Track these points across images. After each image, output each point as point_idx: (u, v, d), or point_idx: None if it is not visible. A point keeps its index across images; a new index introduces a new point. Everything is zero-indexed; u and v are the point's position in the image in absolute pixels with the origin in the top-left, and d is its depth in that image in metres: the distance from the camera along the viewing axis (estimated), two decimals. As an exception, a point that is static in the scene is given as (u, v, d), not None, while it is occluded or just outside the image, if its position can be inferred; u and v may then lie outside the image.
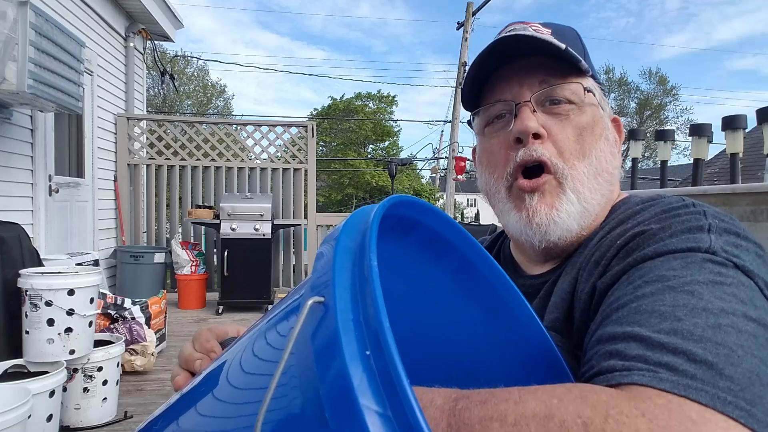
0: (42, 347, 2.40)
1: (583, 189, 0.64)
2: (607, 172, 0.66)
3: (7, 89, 2.87)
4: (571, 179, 0.64)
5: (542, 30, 0.68)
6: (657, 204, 0.59)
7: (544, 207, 0.64)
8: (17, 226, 2.92)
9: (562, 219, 0.64)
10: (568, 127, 0.65)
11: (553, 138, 0.65)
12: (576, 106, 0.65)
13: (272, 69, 61.38)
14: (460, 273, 0.55)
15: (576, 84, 0.66)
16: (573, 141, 0.65)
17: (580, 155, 0.65)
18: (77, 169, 4.85)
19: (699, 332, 0.40)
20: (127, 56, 5.88)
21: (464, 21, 13.21)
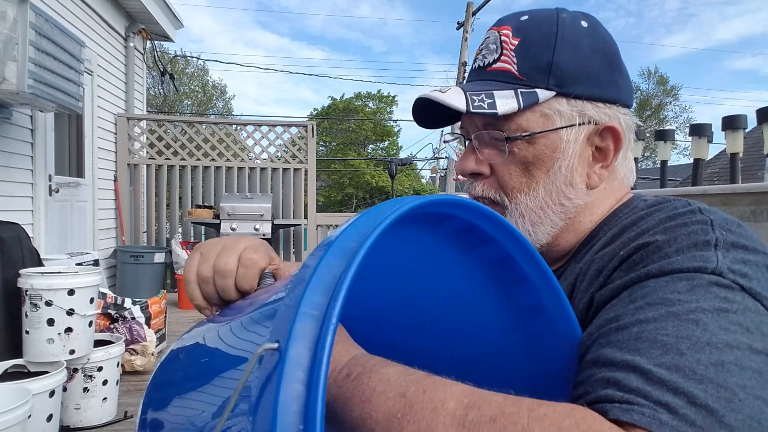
0: (42, 347, 2.40)
1: (524, 221, 0.65)
2: (559, 204, 0.65)
3: (7, 89, 2.87)
4: (511, 211, 0.65)
5: (507, 44, 0.65)
6: (662, 209, 0.57)
7: None
8: (17, 226, 2.92)
9: None
10: (512, 163, 0.65)
11: (496, 174, 0.66)
12: (523, 141, 0.64)
13: (272, 69, 61.26)
14: (498, 267, 0.53)
15: (521, 121, 0.63)
16: (517, 176, 0.65)
17: (525, 188, 0.65)
18: (77, 169, 4.85)
19: (701, 371, 0.39)
20: (127, 56, 5.88)
21: (464, 21, 13.21)
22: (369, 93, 29.06)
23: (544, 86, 0.63)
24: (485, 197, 0.67)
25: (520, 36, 0.65)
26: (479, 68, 0.68)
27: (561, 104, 0.63)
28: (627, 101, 0.67)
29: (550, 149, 0.64)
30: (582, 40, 0.64)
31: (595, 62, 0.64)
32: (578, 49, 0.64)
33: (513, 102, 0.62)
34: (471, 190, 0.69)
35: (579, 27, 0.65)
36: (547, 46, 0.64)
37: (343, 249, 0.37)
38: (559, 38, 0.64)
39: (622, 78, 0.67)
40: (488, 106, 0.62)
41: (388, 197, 25.60)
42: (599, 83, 0.64)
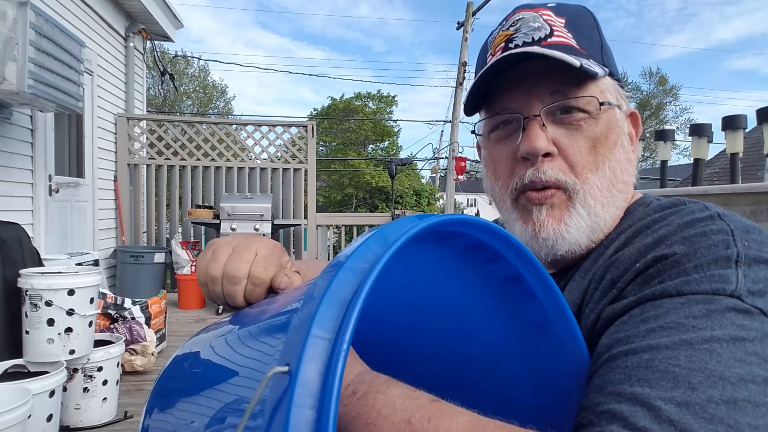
0: (42, 347, 2.40)
1: (594, 203, 0.61)
2: (623, 182, 0.62)
3: (7, 89, 2.87)
4: (583, 194, 0.61)
5: (554, 22, 0.61)
6: (678, 212, 0.56)
7: (552, 221, 0.61)
8: (17, 226, 2.92)
9: (570, 234, 0.61)
10: (580, 139, 0.61)
11: (564, 153, 0.61)
12: (589, 116, 0.60)
13: (272, 69, 61.38)
14: (507, 285, 0.53)
15: (591, 96, 0.61)
16: (586, 153, 0.61)
17: (593, 167, 0.61)
18: (77, 169, 4.85)
19: (712, 410, 0.38)
20: (127, 56, 5.88)
21: (464, 21, 13.21)
22: (369, 93, 29.08)
23: (601, 62, 0.62)
24: (557, 180, 0.61)
25: (564, 15, 0.63)
26: (532, 42, 0.61)
27: (610, 83, 0.63)
28: None
29: (612, 124, 0.62)
30: (601, 28, 0.65)
31: (611, 52, 0.65)
32: (604, 36, 0.65)
33: (599, 68, 0.60)
34: (538, 174, 0.61)
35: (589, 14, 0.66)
36: (592, 27, 0.63)
37: (354, 270, 0.37)
38: (597, 21, 0.64)
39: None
40: (589, 67, 0.58)
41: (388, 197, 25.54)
42: (617, 73, 0.65)
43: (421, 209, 21.62)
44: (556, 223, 0.61)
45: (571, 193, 0.61)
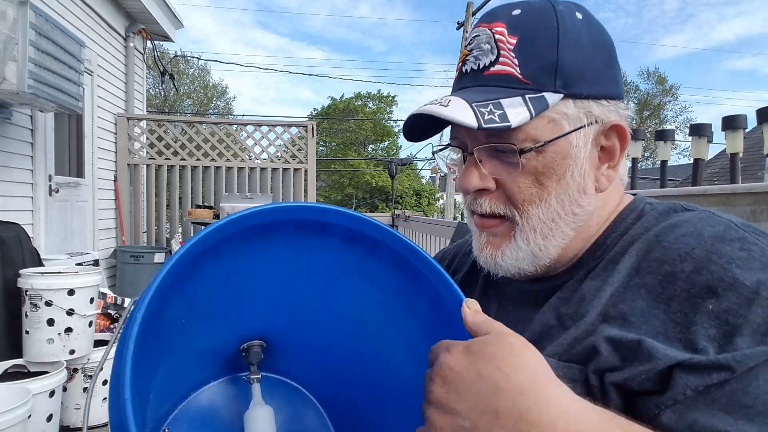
0: (42, 347, 2.40)
1: (534, 235, 0.60)
2: (572, 213, 0.60)
3: (7, 89, 2.87)
4: (522, 226, 0.61)
5: (504, 43, 0.58)
6: (689, 221, 0.56)
7: (490, 248, 0.63)
8: (17, 226, 2.92)
9: (506, 262, 0.62)
10: (520, 175, 0.59)
11: (503, 188, 0.61)
12: (532, 152, 0.58)
13: (272, 69, 61.17)
14: (395, 266, 0.63)
15: (510, 144, 0.58)
16: (527, 187, 0.59)
17: (536, 200, 0.60)
18: (77, 169, 4.85)
19: None
20: (127, 56, 5.88)
21: (464, 21, 13.21)
22: (369, 93, 29.07)
23: (551, 89, 0.57)
24: (494, 213, 0.62)
25: (518, 33, 0.58)
26: (474, 71, 0.60)
27: (568, 107, 0.58)
28: (623, 95, 0.63)
29: (560, 156, 0.59)
30: (582, 34, 0.59)
31: (597, 57, 0.59)
32: (580, 45, 0.58)
33: (524, 111, 0.56)
34: (475, 206, 0.63)
35: (576, 20, 0.59)
36: (550, 44, 0.57)
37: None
38: (561, 34, 0.57)
39: (619, 71, 0.62)
40: (500, 118, 0.55)
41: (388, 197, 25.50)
42: (602, 80, 0.59)
43: (421, 209, 21.61)
44: (494, 249, 0.63)
45: (513, 225, 0.61)
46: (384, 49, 64.27)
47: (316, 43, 63.56)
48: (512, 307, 0.68)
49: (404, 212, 6.79)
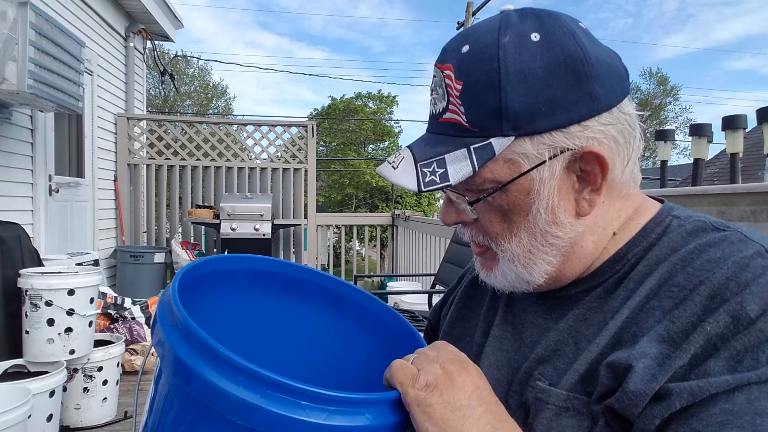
0: (42, 347, 2.40)
1: (515, 265, 0.61)
2: (547, 244, 0.59)
3: (7, 89, 2.87)
4: (502, 255, 0.62)
5: (452, 89, 0.57)
6: (715, 245, 0.54)
7: (484, 269, 0.66)
8: (17, 226, 2.92)
9: (498, 281, 0.64)
10: (490, 211, 0.60)
11: (479, 222, 0.62)
12: (498, 190, 0.58)
13: (272, 69, 61.22)
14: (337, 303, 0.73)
15: (485, 173, 0.57)
16: (498, 223, 0.60)
17: (507, 235, 0.60)
18: (77, 169, 4.85)
19: None
20: (127, 56, 5.88)
21: (464, 21, 13.21)
22: (369, 93, 29.08)
23: (498, 133, 0.55)
24: (476, 242, 0.65)
25: (463, 78, 0.56)
26: (433, 116, 0.61)
27: (524, 146, 0.55)
28: (611, 102, 0.56)
29: (523, 194, 0.57)
30: (533, 63, 0.54)
31: (555, 83, 0.54)
32: (530, 78, 0.54)
33: (466, 165, 0.55)
34: (461, 234, 0.67)
35: (526, 48, 0.54)
36: (492, 88, 0.54)
37: None
38: (503, 75, 0.54)
39: (599, 81, 0.55)
40: (440, 178, 0.56)
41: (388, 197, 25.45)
42: (565, 105, 0.54)
43: (421, 209, 21.60)
44: (486, 270, 0.65)
45: (496, 252, 0.63)
46: (384, 49, 64.28)
47: (316, 43, 63.58)
48: (525, 312, 0.67)
49: (404, 212, 6.78)
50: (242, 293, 0.68)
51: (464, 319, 0.75)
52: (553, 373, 0.57)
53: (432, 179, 0.56)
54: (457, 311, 0.77)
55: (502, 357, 0.64)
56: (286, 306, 0.71)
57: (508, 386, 0.61)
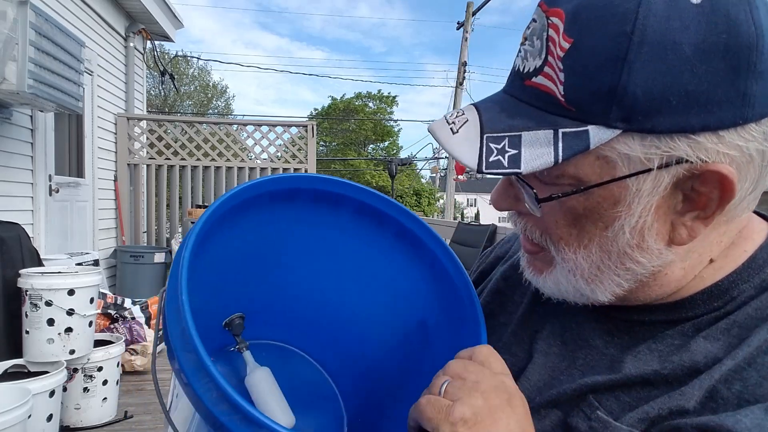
0: (42, 347, 2.40)
1: (575, 278, 0.49)
2: (624, 266, 0.47)
3: (7, 89, 2.87)
4: (563, 263, 0.49)
5: (555, 45, 0.42)
6: None
7: (532, 270, 0.54)
8: (17, 226, 2.92)
9: (549, 290, 0.52)
10: (559, 211, 0.47)
11: (541, 218, 0.49)
12: (578, 192, 0.45)
13: (272, 69, 61.44)
14: (399, 238, 0.63)
15: (568, 167, 0.44)
16: (565, 226, 0.47)
17: (574, 243, 0.48)
18: (77, 169, 4.85)
19: None
20: (127, 56, 5.88)
21: (464, 21, 13.21)
22: (369, 93, 29.10)
23: (601, 121, 0.41)
24: (529, 238, 0.52)
25: (575, 35, 0.41)
26: (518, 74, 0.47)
27: (630, 144, 0.41)
28: (764, 111, 0.40)
29: (609, 203, 0.44)
30: (682, 36, 0.38)
31: (703, 71, 0.38)
32: (671, 56, 0.38)
33: (548, 153, 0.42)
34: (513, 222, 0.54)
35: (680, 11, 0.38)
36: (613, 58, 0.39)
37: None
38: (634, 44, 0.39)
39: (762, 79, 0.39)
40: (509, 161, 0.43)
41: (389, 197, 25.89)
42: (706, 103, 0.39)
43: (421, 209, 21.61)
44: (535, 272, 0.53)
45: (551, 256, 0.50)
46: (384, 49, 64.35)
47: (316, 43, 63.64)
48: (579, 328, 0.55)
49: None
50: (305, 212, 0.62)
51: (491, 316, 0.63)
52: (614, 405, 0.46)
53: (498, 160, 0.43)
54: (483, 305, 0.62)
55: (545, 375, 0.53)
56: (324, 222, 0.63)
57: (551, 406, 0.51)
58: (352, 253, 0.65)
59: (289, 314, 0.70)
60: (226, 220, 0.55)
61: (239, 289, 0.65)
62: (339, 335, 0.70)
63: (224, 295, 0.64)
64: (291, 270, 0.67)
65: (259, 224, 0.60)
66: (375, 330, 0.68)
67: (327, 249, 0.65)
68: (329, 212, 0.61)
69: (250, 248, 0.62)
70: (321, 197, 0.59)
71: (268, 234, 0.62)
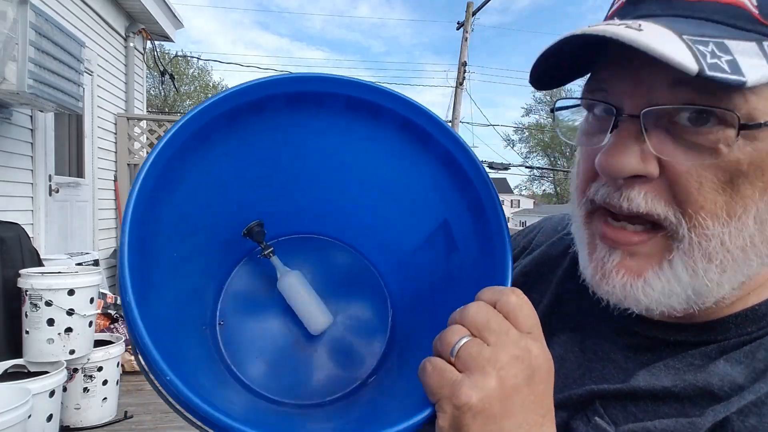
0: (42, 347, 2.40)
1: (708, 265, 0.39)
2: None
3: (7, 89, 2.87)
4: (688, 245, 0.39)
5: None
6: None
7: (625, 274, 0.42)
8: (17, 226, 2.92)
9: (648, 297, 0.41)
10: (709, 167, 0.37)
11: (672, 178, 0.38)
12: (738, 134, 0.36)
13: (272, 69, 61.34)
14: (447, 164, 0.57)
15: (729, 111, 0.35)
16: (712, 190, 0.37)
17: (721, 212, 0.38)
18: (77, 169, 4.85)
19: None
20: (127, 56, 5.88)
21: (464, 21, 13.21)
22: (369, 93, 29.07)
23: None
24: (649, 213, 0.39)
25: None
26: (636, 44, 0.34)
27: None
28: None
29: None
30: None
31: None
32: None
33: (764, 64, 0.34)
34: (617, 198, 0.40)
35: None
36: None
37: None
38: None
39: None
40: (729, 66, 0.33)
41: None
42: None
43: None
44: (632, 277, 0.41)
45: (672, 238, 0.40)
46: (383, 49, 64.37)
47: (315, 43, 63.67)
48: (600, 339, 0.49)
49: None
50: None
51: None
52: (620, 414, 0.43)
53: (716, 63, 0.33)
54: None
55: (558, 381, 0.47)
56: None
57: (558, 408, 0.46)
58: (373, 161, 0.61)
59: (315, 216, 0.69)
60: (225, 126, 0.52)
61: (256, 195, 0.63)
62: (366, 236, 0.69)
63: (239, 203, 0.62)
64: (312, 177, 0.64)
65: (275, 128, 0.56)
66: (401, 234, 0.65)
67: (342, 156, 0.61)
68: (355, 120, 0.57)
69: (264, 153, 0.59)
70: (353, 104, 0.55)
71: (284, 139, 0.59)
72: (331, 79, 0.52)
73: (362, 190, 0.63)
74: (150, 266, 0.47)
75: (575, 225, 0.48)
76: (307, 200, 0.66)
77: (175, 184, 0.51)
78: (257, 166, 0.60)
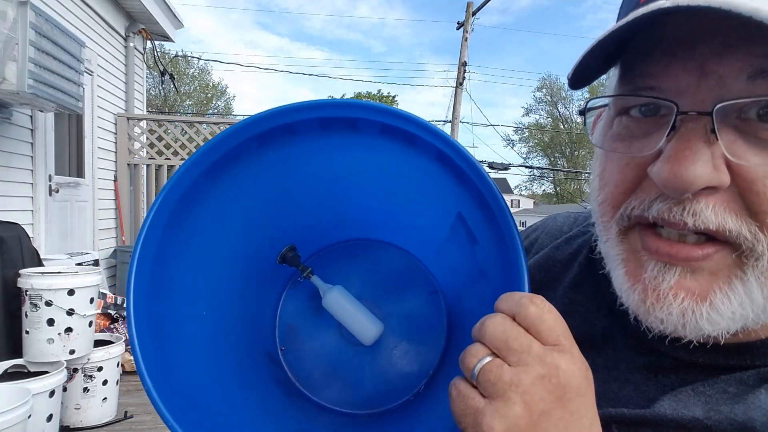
0: (42, 347, 2.40)
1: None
2: None
3: (7, 89, 2.87)
4: (761, 261, 0.34)
5: None
6: None
7: (686, 297, 0.36)
8: (17, 226, 2.92)
9: (713, 322, 0.35)
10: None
11: (744, 186, 0.33)
12: None
13: (272, 69, 61.29)
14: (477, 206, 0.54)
15: None
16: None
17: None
18: (77, 169, 4.85)
19: None
20: (127, 56, 5.88)
21: (464, 21, 13.21)
22: (369, 93, 29.09)
23: None
24: (719, 230, 0.34)
25: None
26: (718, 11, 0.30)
27: None
28: None
29: None
30: None
31: None
32: None
33: None
34: (680, 214, 0.35)
35: None
36: None
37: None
38: None
39: None
40: None
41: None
42: None
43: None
44: (693, 301, 0.36)
45: (744, 256, 0.34)
46: (384, 49, 64.42)
47: (316, 43, 63.69)
48: (617, 358, 0.45)
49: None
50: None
51: None
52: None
53: None
54: None
55: None
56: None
57: None
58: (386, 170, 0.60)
59: (353, 222, 0.69)
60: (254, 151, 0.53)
61: (287, 221, 0.64)
62: (402, 235, 0.69)
63: (272, 229, 0.63)
64: (344, 196, 0.64)
65: (307, 153, 0.57)
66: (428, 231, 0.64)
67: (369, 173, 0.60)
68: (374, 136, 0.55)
69: (294, 179, 0.60)
70: (387, 130, 0.53)
71: (315, 162, 0.58)
72: (365, 106, 0.52)
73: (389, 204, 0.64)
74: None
75: (605, 243, 0.42)
76: (340, 211, 0.67)
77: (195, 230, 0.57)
78: (291, 187, 0.61)
